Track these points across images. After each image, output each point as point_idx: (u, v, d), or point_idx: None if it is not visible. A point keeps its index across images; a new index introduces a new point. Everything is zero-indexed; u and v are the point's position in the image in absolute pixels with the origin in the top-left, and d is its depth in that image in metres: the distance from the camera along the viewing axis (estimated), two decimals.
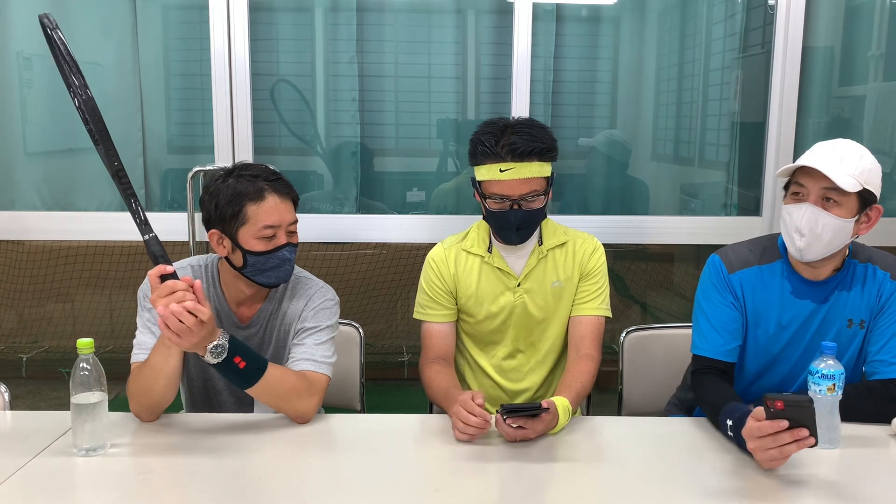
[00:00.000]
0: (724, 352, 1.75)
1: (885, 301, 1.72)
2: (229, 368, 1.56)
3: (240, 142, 2.47)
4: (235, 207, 1.66)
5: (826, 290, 1.72)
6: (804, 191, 1.64)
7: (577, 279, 1.95)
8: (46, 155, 2.62)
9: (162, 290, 1.46)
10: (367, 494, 1.36)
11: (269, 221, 1.67)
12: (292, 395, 1.64)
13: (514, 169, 1.78)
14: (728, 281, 1.76)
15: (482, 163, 1.82)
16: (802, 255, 1.65)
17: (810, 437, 1.35)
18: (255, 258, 1.68)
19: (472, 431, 1.56)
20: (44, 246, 3.85)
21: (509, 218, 1.82)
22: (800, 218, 1.62)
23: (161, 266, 1.48)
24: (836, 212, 1.61)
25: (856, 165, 1.59)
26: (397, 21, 2.59)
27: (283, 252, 1.69)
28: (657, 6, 2.65)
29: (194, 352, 1.53)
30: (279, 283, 1.75)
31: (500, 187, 1.80)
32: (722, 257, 1.79)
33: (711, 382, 1.71)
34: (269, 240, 1.68)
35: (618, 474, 1.47)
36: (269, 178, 1.70)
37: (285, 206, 1.70)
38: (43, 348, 4.11)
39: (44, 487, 1.38)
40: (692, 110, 2.69)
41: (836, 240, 1.63)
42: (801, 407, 1.35)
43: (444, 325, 1.97)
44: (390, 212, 2.65)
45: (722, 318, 1.75)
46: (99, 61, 2.57)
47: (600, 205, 2.67)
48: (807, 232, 1.62)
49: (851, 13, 2.58)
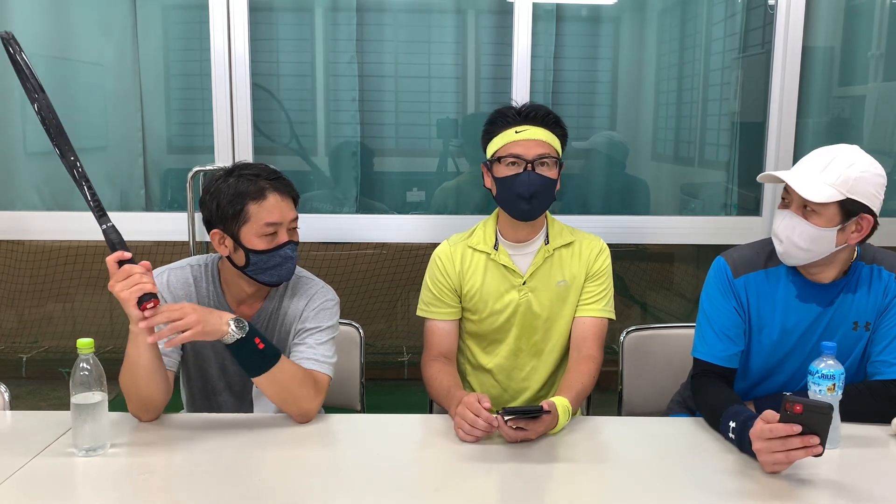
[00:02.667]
0: (724, 357, 1.74)
1: (889, 301, 1.71)
2: (249, 348, 1.56)
3: (240, 142, 2.47)
4: (237, 206, 1.67)
5: (831, 293, 1.71)
6: (789, 198, 1.65)
7: (583, 280, 1.95)
8: (46, 155, 2.61)
9: (119, 276, 1.49)
10: (367, 494, 1.36)
11: (271, 219, 1.67)
12: (300, 391, 1.64)
13: (529, 130, 1.83)
14: (732, 285, 1.75)
15: (497, 132, 1.87)
16: (784, 259, 1.68)
17: (818, 446, 1.35)
18: (257, 257, 1.68)
19: (479, 434, 1.56)
20: (44, 246, 3.85)
21: (523, 181, 1.83)
22: (779, 223, 1.65)
23: (119, 252, 1.51)
24: (815, 221, 1.60)
25: (839, 174, 1.57)
26: (397, 21, 2.59)
27: (285, 250, 1.70)
28: (657, 6, 2.65)
29: (215, 338, 1.54)
30: (281, 281, 1.75)
31: (516, 147, 1.83)
32: (727, 260, 1.78)
33: (712, 386, 1.71)
34: (271, 238, 1.68)
35: (618, 474, 1.47)
36: (270, 176, 1.71)
37: (286, 204, 1.71)
38: (43, 348, 4.11)
39: (44, 487, 1.38)
40: (692, 110, 2.69)
41: (816, 248, 1.62)
42: (820, 413, 1.34)
43: (447, 323, 1.97)
44: (390, 212, 2.65)
45: (724, 323, 1.75)
46: (99, 61, 2.57)
47: (600, 204, 2.67)
48: (784, 239, 1.64)
49: (851, 13, 2.58)
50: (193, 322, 1.50)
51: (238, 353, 1.58)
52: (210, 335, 1.53)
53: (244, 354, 1.59)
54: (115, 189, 2.62)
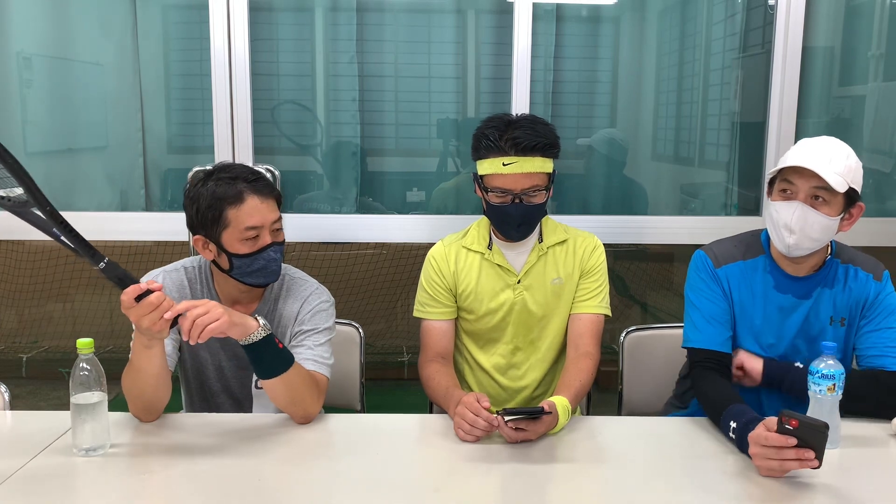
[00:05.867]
0: (719, 342, 1.76)
1: (872, 302, 1.75)
2: (268, 348, 1.54)
3: (240, 142, 2.47)
4: (215, 212, 1.63)
5: (808, 286, 1.75)
6: (793, 188, 1.66)
7: (578, 277, 1.95)
8: (46, 155, 2.62)
9: (143, 311, 1.43)
10: (367, 494, 1.36)
11: (251, 223, 1.64)
12: (306, 394, 1.63)
13: (517, 163, 1.79)
14: (715, 274, 1.79)
15: (485, 157, 1.83)
16: (790, 252, 1.69)
17: (815, 460, 1.36)
18: (240, 261, 1.66)
19: (479, 434, 1.57)
20: (44, 246, 3.85)
21: (511, 212, 1.83)
22: (790, 216, 1.65)
23: (133, 288, 1.43)
24: (825, 210, 1.63)
25: (843, 164, 1.62)
26: (397, 21, 2.59)
27: (268, 252, 1.67)
28: (657, 6, 2.66)
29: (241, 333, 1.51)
30: (268, 282, 1.73)
31: (503, 181, 1.81)
32: (707, 252, 1.82)
33: (713, 379, 1.71)
34: (254, 241, 1.65)
35: (618, 474, 1.46)
36: (249, 178, 1.66)
37: (266, 205, 1.66)
38: (43, 348, 4.11)
39: (44, 487, 1.37)
40: (692, 110, 2.69)
41: (823, 237, 1.67)
42: (815, 430, 1.35)
43: (443, 323, 1.97)
44: (390, 212, 2.65)
45: (713, 309, 1.77)
46: (99, 61, 2.57)
47: (599, 204, 2.67)
48: (797, 230, 1.64)
49: (851, 13, 2.58)
50: (219, 314, 1.46)
51: (257, 353, 1.55)
52: (237, 326, 1.50)
53: (264, 355, 1.56)
54: (115, 189, 2.62)
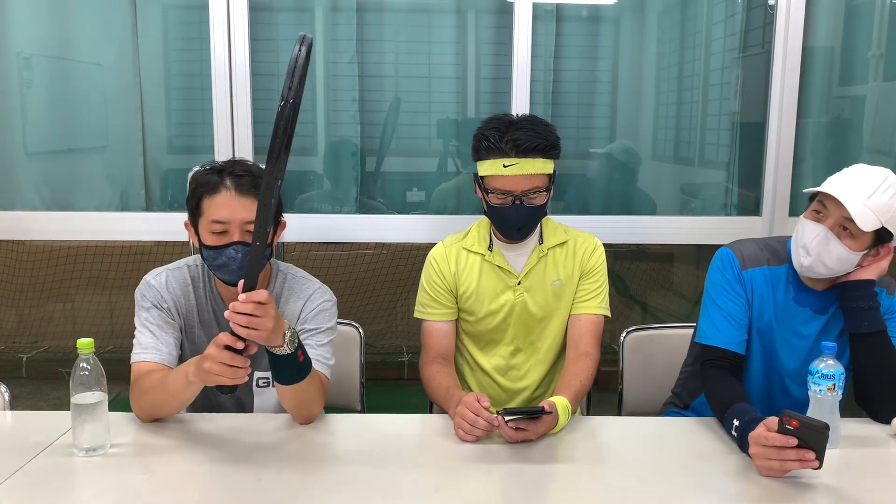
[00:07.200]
0: (736, 343, 1.75)
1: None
2: (291, 360, 1.52)
3: (240, 142, 2.47)
4: (195, 199, 1.65)
5: (826, 301, 1.74)
6: (825, 212, 1.63)
7: (578, 278, 1.95)
8: (46, 155, 2.61)
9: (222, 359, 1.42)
10: (367, 494, 1.36)
11: (217, 216, 1.61)
12: (316, 397, 1.63)
13: (518, 164, 1.79)
14: (740, 276, 1.77)
15: (485, 158, 1.83)
16: (803, 271, 1.69)
17: (815, 461, 1.36)
18: (206, 252, 1.64)
19: (479, 434, 1.57)
20: (44, 246, 3.86)
21: (511, 213, 1.83)
22: (811, 238, 1.63)
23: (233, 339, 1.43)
24: (848, 243, 1.60)
25: (883, 203, 1.57)
26: (397, 21, 2.59)
27: (229, 250, 1.61)
28: (657, 6, 2.65)
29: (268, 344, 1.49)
30: (229, 281, 1.66)
31: (503, 182, 1.81)
32: (735, 252, 1.79)
33: (724, 377, 1.71)
34: (220, 235, 1.61)
35: (618, 475, 1.46)
36: (235, 172, 1.64)
37: (240, 203, 1.61)
38: (43, 348, 4.11)
39: (44, 487, 1.38)
40: (692, 110, 2.69)
41: (838, 267, 1.64)
42: (816, 431, 1.35)
43: (444, 324, 1.97)
44: (390, 212, 2.65)
45: (734, 310, 1.76)
46: (99, 61, 2.57)
47: (601, 206, 2.67)
48: (814, 254, 1.63)
49: (851, 13, 2.58)
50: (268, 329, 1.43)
51: (279, 362, 1.53)
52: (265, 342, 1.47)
53: (285, 367, 1.54)
54: (115, 189, 2.62)
